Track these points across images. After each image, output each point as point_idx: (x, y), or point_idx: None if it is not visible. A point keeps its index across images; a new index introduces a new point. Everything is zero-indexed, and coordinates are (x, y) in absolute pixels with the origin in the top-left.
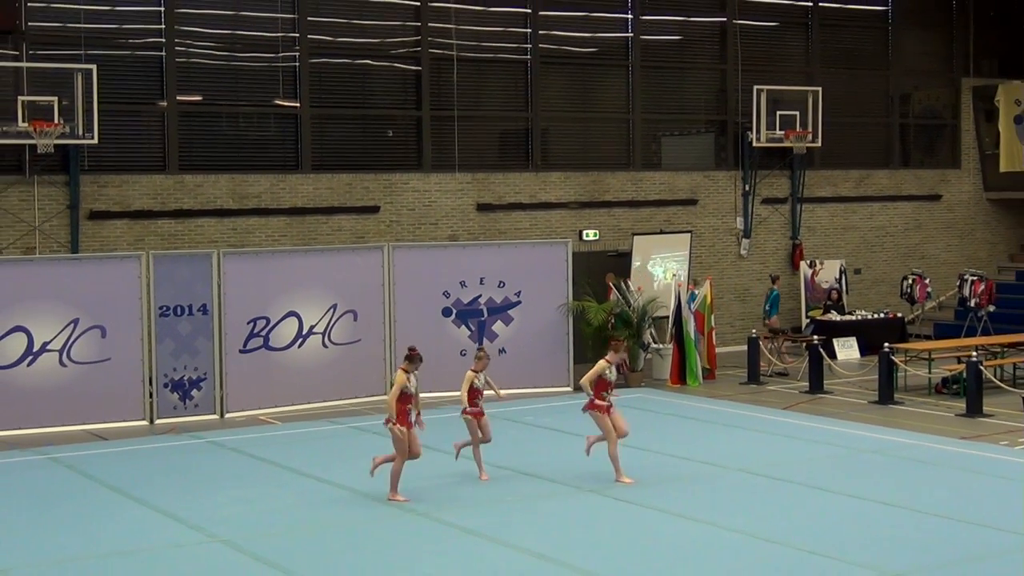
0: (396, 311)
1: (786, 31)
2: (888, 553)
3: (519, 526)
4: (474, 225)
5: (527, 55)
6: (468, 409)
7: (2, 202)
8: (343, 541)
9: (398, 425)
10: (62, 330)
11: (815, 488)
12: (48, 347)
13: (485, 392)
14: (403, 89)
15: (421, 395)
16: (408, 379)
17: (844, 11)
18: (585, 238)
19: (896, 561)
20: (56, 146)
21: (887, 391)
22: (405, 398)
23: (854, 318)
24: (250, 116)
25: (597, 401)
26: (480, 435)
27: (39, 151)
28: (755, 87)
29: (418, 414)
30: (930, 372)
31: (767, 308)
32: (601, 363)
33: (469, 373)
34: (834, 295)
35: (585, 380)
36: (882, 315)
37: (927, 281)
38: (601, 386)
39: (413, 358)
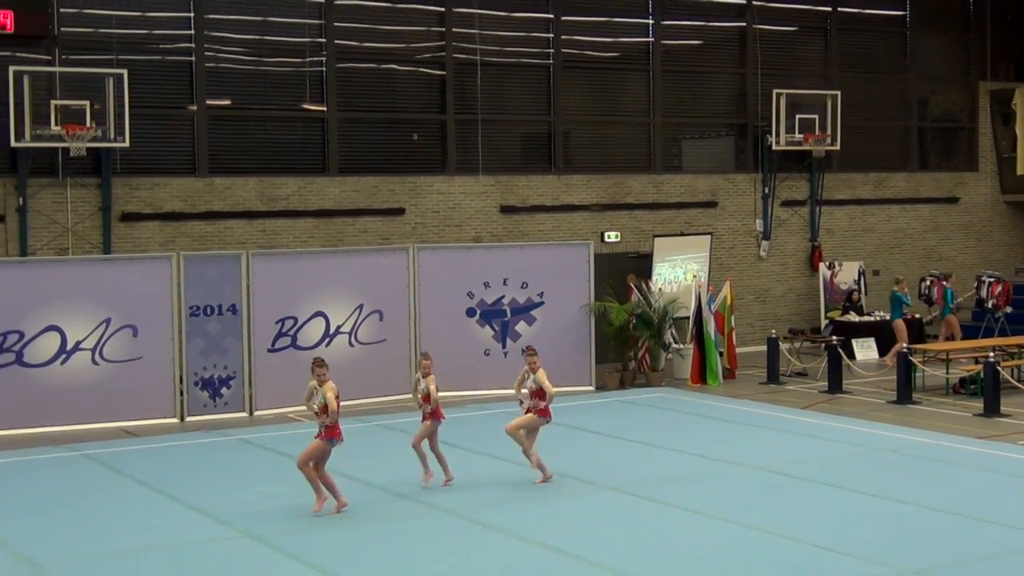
0: (421, 311)
1: (805, 36)
2: (906, 550)
3: (539, 522)
4: (497, 227)
5: (550, 60)
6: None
7: (36, 204)
8: (369, 536)
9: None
10: (95, 329)
11: (834, 486)
12: (81, 346)
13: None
14: (428, 93)
15: (441, 393)
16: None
17: (862, 16)
18: (607, 240)
19: (913, 558)
20: (88, 149)
21: (905, 391)
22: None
23: (872, 319)
24: (278, 120)
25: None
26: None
27: (72, 154)
28: (774, 91)
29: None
30: (948, 372)
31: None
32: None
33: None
34: (855, 296)
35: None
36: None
37: (947, 282)
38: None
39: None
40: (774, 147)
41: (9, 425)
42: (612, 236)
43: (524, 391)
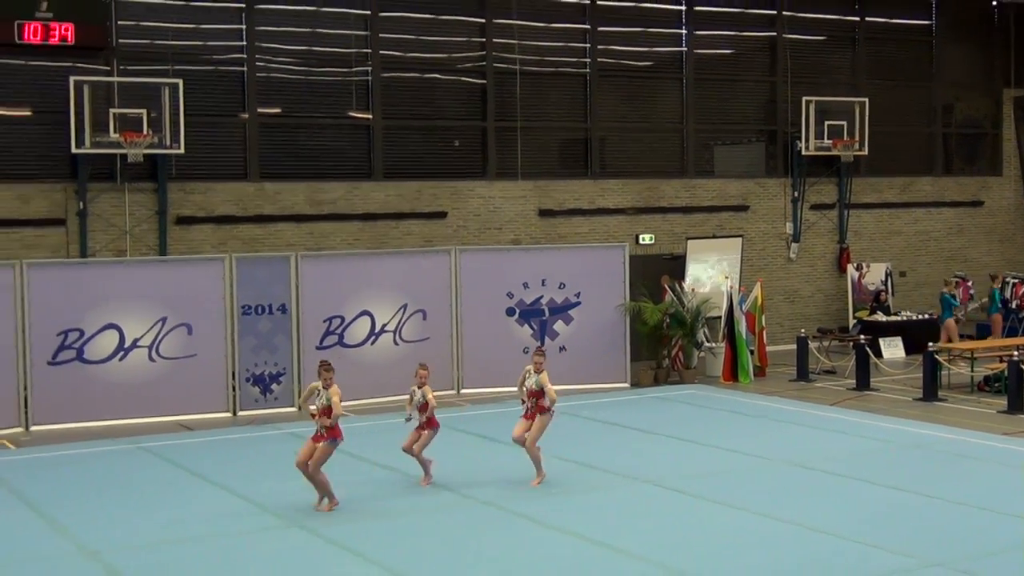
0: (462, 311)
1: (834, 45)
2: (930, 542)
3: (576, 514)
4: (536, 230)
5: (586, 68)
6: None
7: (96, 208)
8: (411, 526)
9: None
10: (151, 327)
11: (860, 480)
12: (138, 343)
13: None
14: (469, 101)
15: (475, 390)
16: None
17: (889, 25)
18: (641, 242)
19: (938, 550)
20: (145, 156)
21: (931, 388)
22: None
23: (899, 319)
24: (325, 127)
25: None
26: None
27: (130, 160)
28: (804, 98)
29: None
30: (972, 371)
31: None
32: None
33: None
34: (883, 297)
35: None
36: (926, 316)
37: (970, 283)
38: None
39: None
40: (803, 152)
41: (70, 419)
42: (646, 238)
43: (524, 389)
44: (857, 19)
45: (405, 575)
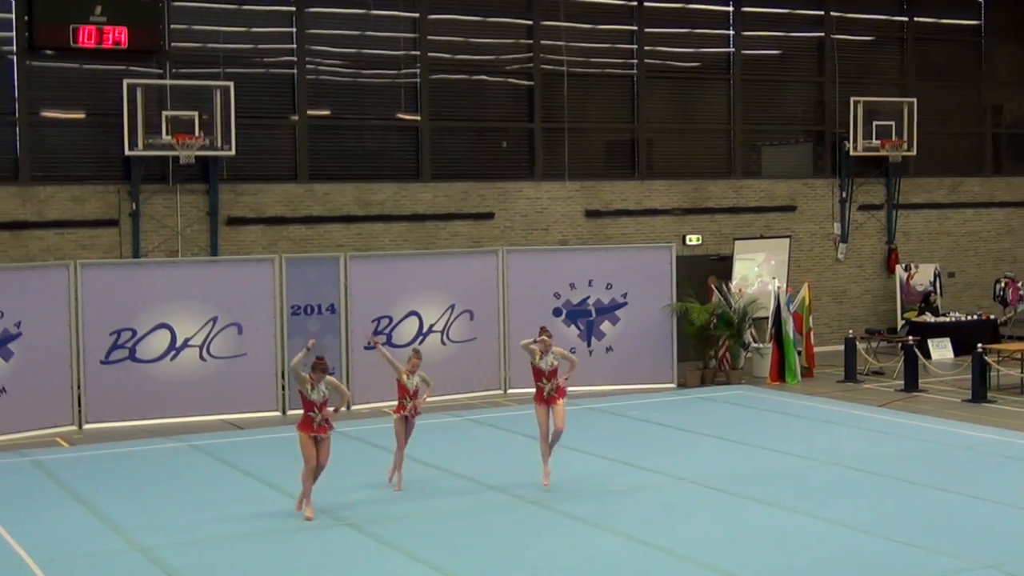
0: (509, 311)
1: (882, 45)
2: (979, 545)
3: (623, 514)
4: (583, 230)
5: (633, 70)
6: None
7: (148, 209)
8: (459, 525)
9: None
10: (202, 327)
11: (908, 482)
12: (190, 343)
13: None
14: (516, 103)
15: (522, 390)
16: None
17: (938, 26)
18: (688, 243)
19: (986, 552)
20: (197, 157)
21: (980, 390)
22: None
23: (948, 320)
24: (374, 129)
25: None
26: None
27: (181, 162)
28: (852, 99)
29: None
30: (1022, 372)
31: None
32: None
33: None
34: (932, 297)
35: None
36: (975, 317)
37: (1020, 284)
38: (534, 373)
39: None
40: (851, 153)
41: (122, 417)
42: (693, 239)
43: (540, 366)
44: (905, 19)
45: (452, 574)
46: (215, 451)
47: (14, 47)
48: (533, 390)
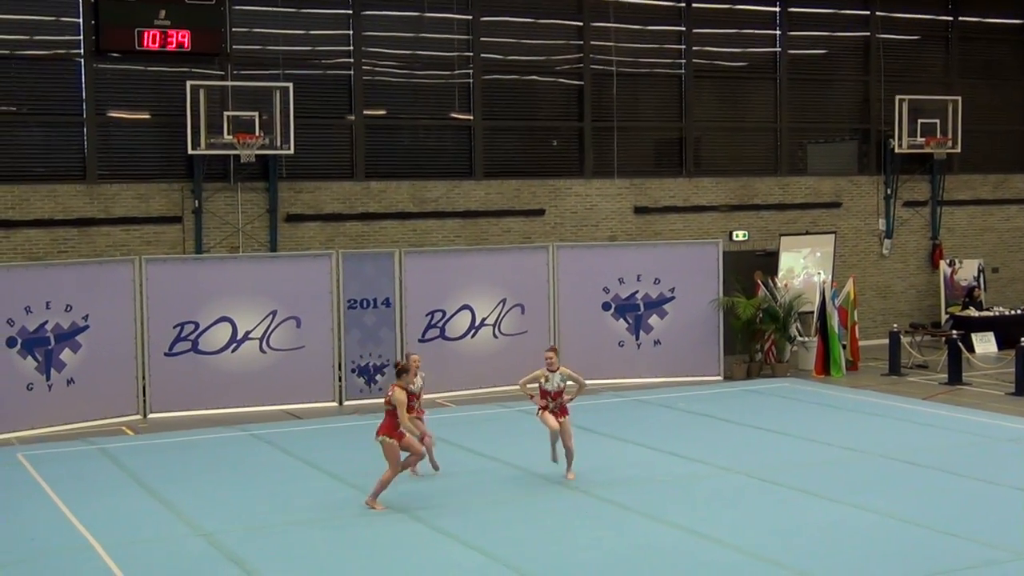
0: (560, 305)
1: (927, 44)
2: (1021, 536)
3: (670, 503)
4: (631, 227)
5: (681, 69)
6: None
7: (210, 206)
8: (511, 514)
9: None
10: (262, 320)
11: (952, 474)
12: (250, 335)
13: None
14: (566, 102)
15: (585, 382)
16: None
17: (983, 24)
18: (735, 239)
19: None
20: (257, 156)
21: None
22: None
23: (992, 314)
24: (428, 128)
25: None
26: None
27: (242, 161)
28: (897, 97)
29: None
30: None
31: None
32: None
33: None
34: (976, 292)
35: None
36: (1019, 311)
37: None
38: (541, 393)
39: (402, 371)
40: (896, 150)
41: (185, 407)
42: (740, 235)
43: (539, 388)
44: (950, 18)
45: (505, 561)
46: (275, 440)
47: (82, 50)
48: (543, 402)
